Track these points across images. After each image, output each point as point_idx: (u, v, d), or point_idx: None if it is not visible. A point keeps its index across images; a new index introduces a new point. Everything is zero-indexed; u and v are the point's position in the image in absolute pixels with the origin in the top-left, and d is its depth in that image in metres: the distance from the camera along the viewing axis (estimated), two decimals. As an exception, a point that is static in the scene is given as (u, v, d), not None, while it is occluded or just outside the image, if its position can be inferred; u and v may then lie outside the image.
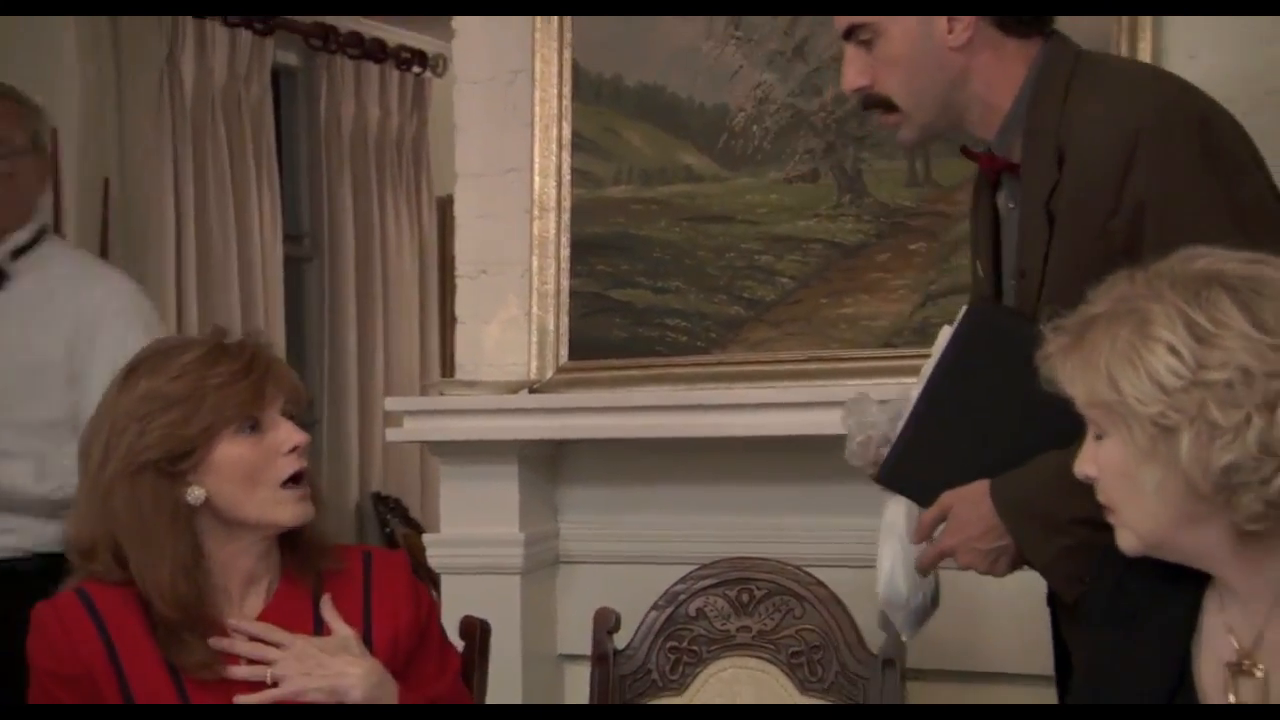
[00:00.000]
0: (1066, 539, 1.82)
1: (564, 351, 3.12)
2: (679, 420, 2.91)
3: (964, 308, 2.02)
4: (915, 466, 2.00)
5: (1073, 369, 1.53)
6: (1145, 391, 1.47)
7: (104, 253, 4.65)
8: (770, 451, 2.91)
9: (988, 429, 1.94)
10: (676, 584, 2.56)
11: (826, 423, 2.29)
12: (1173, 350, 1.46)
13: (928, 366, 2.02)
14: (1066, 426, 1.59)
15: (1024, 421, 1.82)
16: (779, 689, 2.46)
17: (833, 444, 2.17)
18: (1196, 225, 1.71)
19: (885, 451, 2.04)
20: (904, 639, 2.25)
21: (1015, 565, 1.95)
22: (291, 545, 2.02)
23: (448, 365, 5.36)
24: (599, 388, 3.05)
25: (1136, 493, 1.51)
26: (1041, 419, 1.64)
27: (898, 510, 2.09)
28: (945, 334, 2.01)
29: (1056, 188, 1.90)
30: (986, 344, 1.94)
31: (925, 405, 1.99)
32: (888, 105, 2.01)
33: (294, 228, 5.63)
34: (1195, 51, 2.60)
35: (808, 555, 2.61)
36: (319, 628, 1.99)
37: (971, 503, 1.93)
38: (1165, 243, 1.62)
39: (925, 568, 2.03)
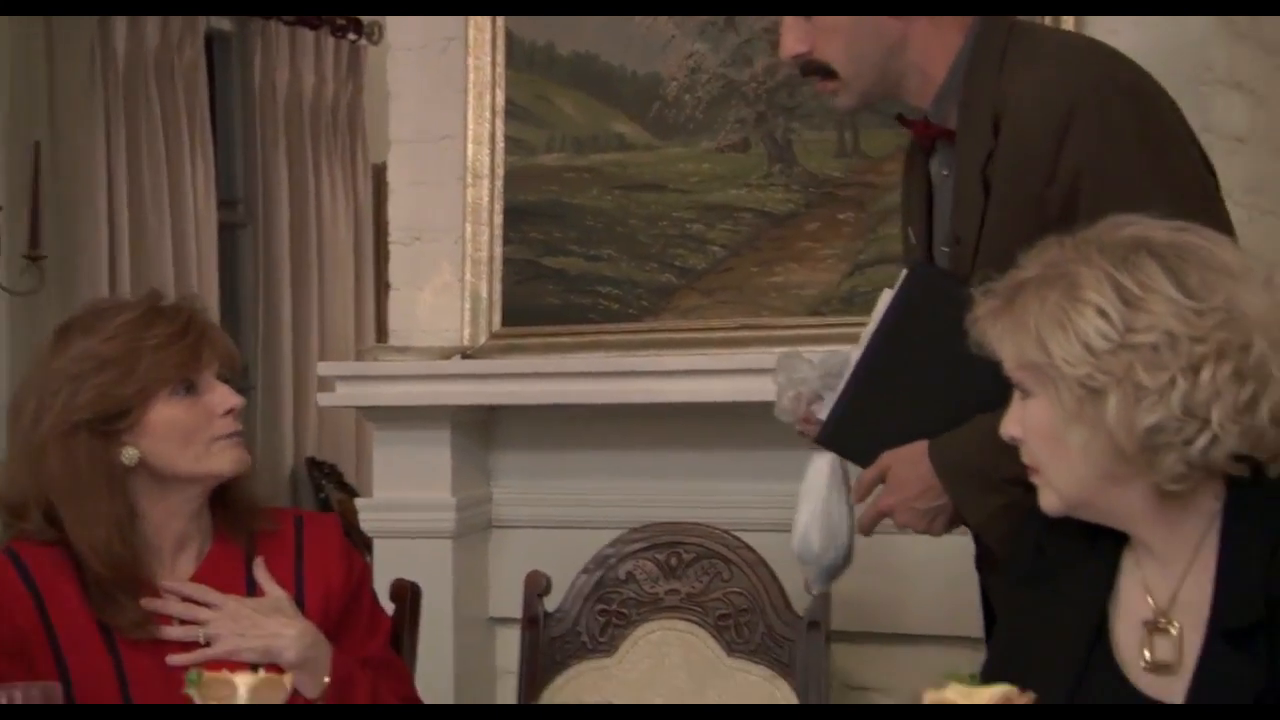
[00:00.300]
0: (1002, 498, 1.83)
1: (497, 318, 3.10)
2: (611, 386, 2.91)
3: (904, 270, 2.01)
4: (855, 428, 2.00)
5: (1002, 331, 1.54)
6: (1074, 353, 1.48)
7: (35, 217, 4.56)
8: (700, 417, 2.92)
9: (927, 391, 1.94)
10: (606, 548, 2.56)
11: (756, 389, 2.29)
12: (1101, 313, 1.48)
13: (868, 329, 2.01)
14: (1005, 389, 1.60)
15: (963, 383, 1.81)
16: (706, 651, 2.48)
17: (762, 410, 2.17)
18: (1130, 194, 1.72)
19: (816, 408, 2.03)
20: (813, 592, 2.27)
21: (952, 525, 1.96)
22: (223, 507, 2.01)
23: (382, 331, 5.32)
24: (531, 354, 3.04)
25: (1061, 453, 1.53)
26: (980, 381, 1.64)
27: (820, 470, 2.09)
28: (886, 297, 2.00)
29: (992, 155, 1.90)
30: (926, 306, 1.94)
31: (865, 367, 1.99)
32: (826, 72, 2.00)
33: (228, 194, 5.55)
34: (1116, 27, 2.61)
35: (736, 520, 2.62)
36: (251, 589, 1.98)
37: (910, 462, 1.93)
38: (1099, 210, 1.62)
39: (866, 528, 2.03)
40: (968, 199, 1.93)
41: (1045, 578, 1.63)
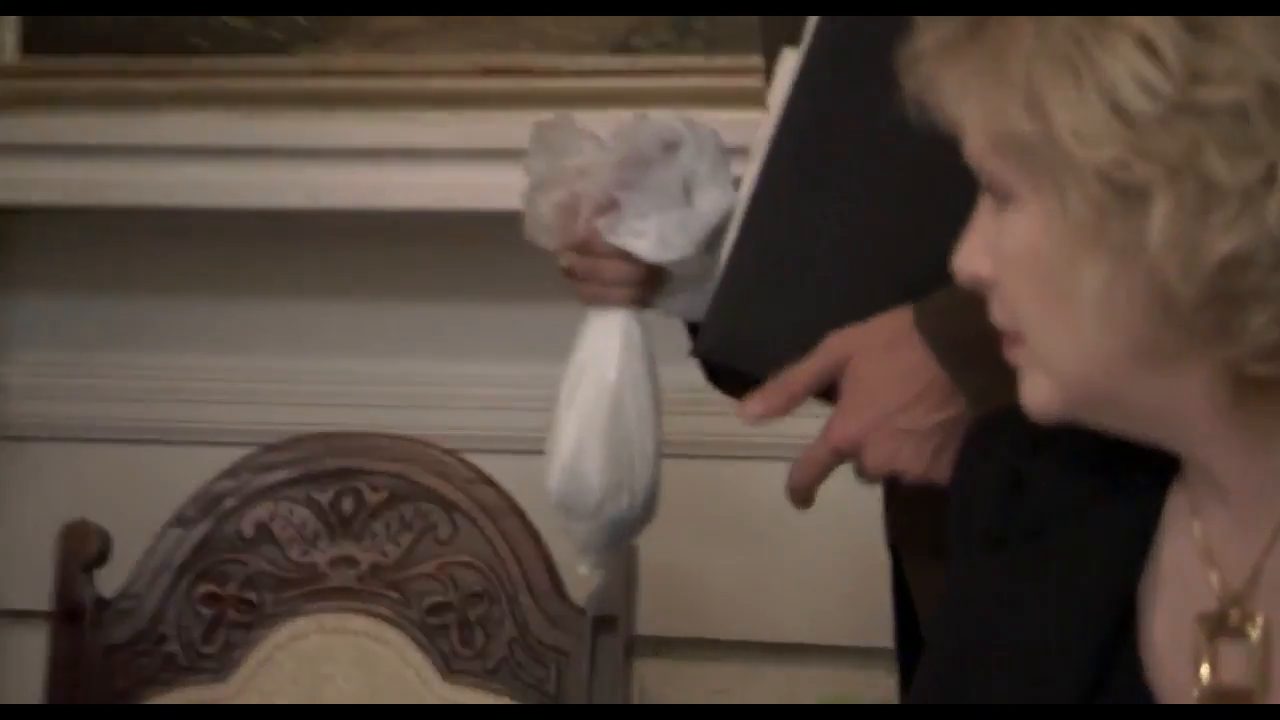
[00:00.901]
0: None
1: (9, 40, 3.10)
2: (224, 177, 2.94)
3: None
4: (763, 310, 2.00)
5: (964, 80, 1.53)
6: (1094, 121, 1.47)
7: None
8: (395, 241, 2.95)
9: (886, 221, 1.95)
10: (219, 481, 2.60)
11: (504, 187, 2.31)
12: (1147, 46, 1.47)
13: (767, 122, 2.01)
14: None
15: (954, 199, 1.78)
16: (405, 669, 2.51)
17: (510, 226, 2.20)
18: None
19: (607, 225, 2.04)
20: (584, 571, 2.32)
21: None
22: None
23: None
24: (74, 110, 3.06)
25: (1063, 305, 1.52)
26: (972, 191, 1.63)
27: (605, 335, 2.12)
28: (790, 62, 2.00)
29: None
30: (861, 66, 1.91)
31: (765, 197, 1.99)
32: None
33: None
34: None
35: (463, 431, 2.72)
36: None
37: (885, 347, 1.94)
38: None
39: (805, 484, 2.02)
40: None
41: (1025, 533, 1.66)
